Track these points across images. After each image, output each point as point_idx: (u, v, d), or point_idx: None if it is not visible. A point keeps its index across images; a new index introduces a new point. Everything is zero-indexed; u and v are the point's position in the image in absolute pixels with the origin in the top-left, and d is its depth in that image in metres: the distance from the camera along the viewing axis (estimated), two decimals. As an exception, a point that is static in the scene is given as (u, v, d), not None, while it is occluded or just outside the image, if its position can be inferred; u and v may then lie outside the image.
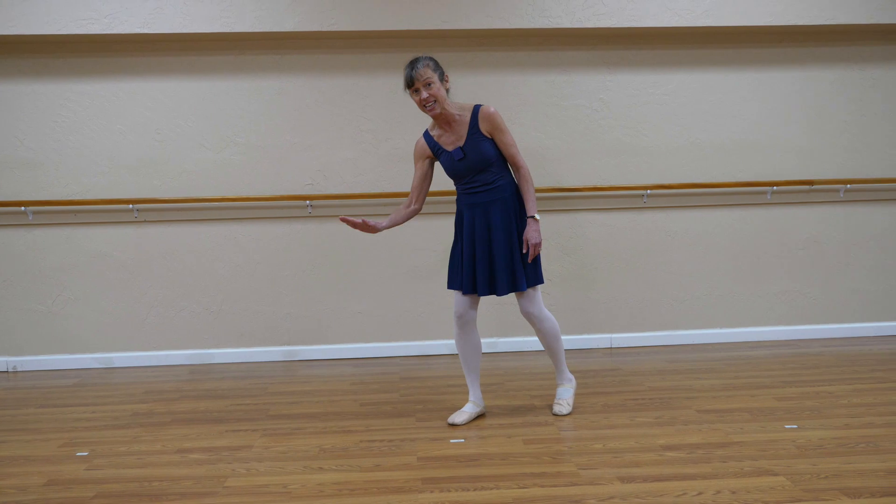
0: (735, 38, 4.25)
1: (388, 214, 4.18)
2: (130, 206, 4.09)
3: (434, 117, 2.88)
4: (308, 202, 4.16)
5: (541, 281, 2.98)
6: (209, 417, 3.22)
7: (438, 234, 4.23)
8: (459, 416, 3.04)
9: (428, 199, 4.15)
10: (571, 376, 3.23)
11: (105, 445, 2.88)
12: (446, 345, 4.28)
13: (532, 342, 4.29)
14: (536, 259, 2.96)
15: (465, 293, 2.98)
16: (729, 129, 4.31)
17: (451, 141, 2.92)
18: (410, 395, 3.49)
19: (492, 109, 2.88)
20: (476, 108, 2.90)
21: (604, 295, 4.33)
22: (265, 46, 4.10)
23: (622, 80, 4.24)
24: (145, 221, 4.15)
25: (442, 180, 4.18)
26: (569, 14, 4.01)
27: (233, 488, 2.43)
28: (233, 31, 3.91)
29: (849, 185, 4.33)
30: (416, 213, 3.07)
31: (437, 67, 2.85)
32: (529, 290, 2.96)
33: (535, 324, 3.01)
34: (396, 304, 4.28)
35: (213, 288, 4.20)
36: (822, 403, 3.15)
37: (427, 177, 3.05)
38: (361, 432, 2.96)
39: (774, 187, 4.29)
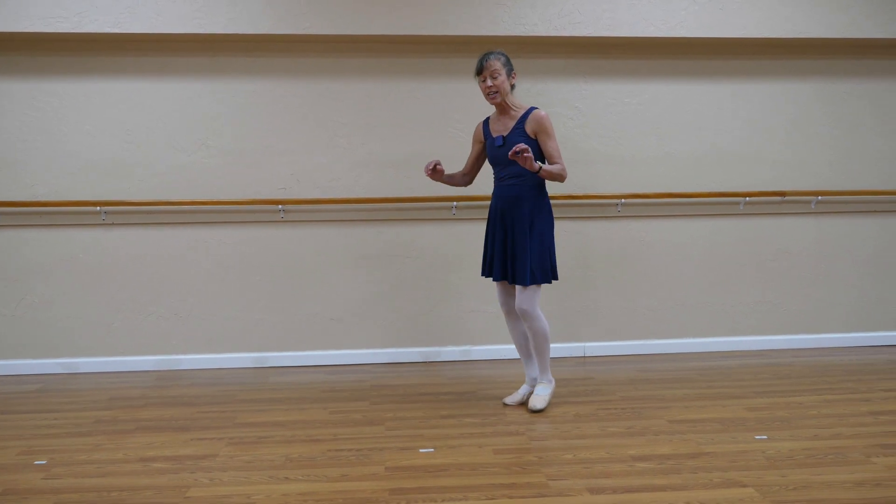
0: (710, 49, 4.28)
1: (357, 221, 4.15)
2: (98, 208, 4.01)
3: (495, 105, 3.16)
4: (280, 207, 4.11)
5: (543, 280, 3.12)
6: (174, 425, 3.14)
7: (413, 242, 4.20)
8: (512, 398, 3.36)
9: (401, 206, 4.14)
10: (552, 379, 3.36)
11: (65, 454, 2.80)
12: (419, 352, 4.24)
13: (505, 350, 4.26)
14: (545, 259, 3.12)
15: (494, 280, 3.23)
16: (703, 140, 4.33)
17: (499, 129, 3.19)
18: (381, 403, 3.44)
19: (542, 113, 3.11)
20: (530, 109, 3.14)
21: (577, 303, 4.33)
22: (239, 48, 4.04)
23: (598, 88, 4.25)
24: (113, 224, 4.07)
25: (417, 189, 4.15)
26: (545, 22, 4.01)
27: (194, 499, 2.37)
28: (206, 32, 3.85)
29: (820, 197, 4.38)
30: (467, 183, 3.40)
31: (507, 63, 3.12)
32: (529, 287, 3.11)
33: (526, 321, 3.17)
34: (369, 312, 4.23)
35: (183, 292, 4.13)
36: (792, 414, 3.16)
37: (479, 158, 3.36)
38: (329, 441, 2.91)
39: (747, 198, 4.32)
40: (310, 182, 4.13)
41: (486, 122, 3.28)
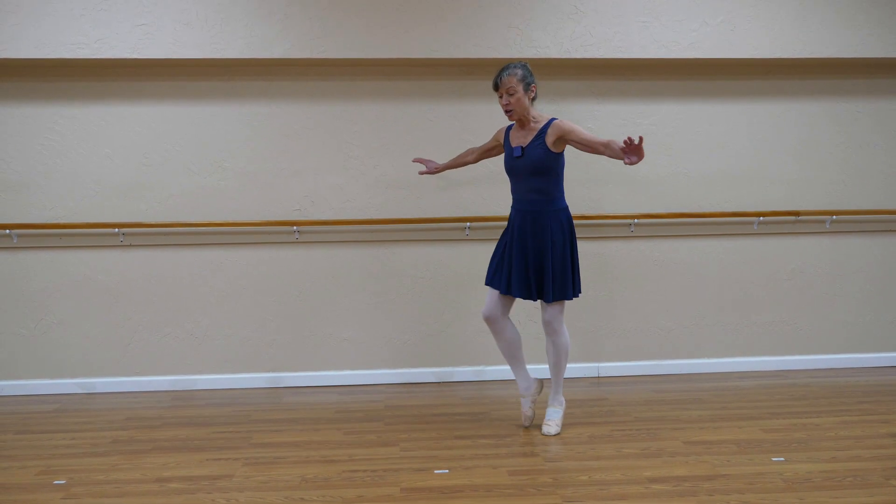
0: (721, 69, 4.31)
1: (371, 241, 4.18)
2: (116, 229, 4.07)
3: (513, 121, 3.19)
4: (295, 228, 4.15)
5: (569, 296, 3.15)
6: (190, 445, 3.16)
7: (427, 262, 4.22)
8: (526, 418, 3.34)
9: (414, 227, 4.16)
10: (563, 399, 3.37)
11: (83, 473, 2.82)
12: (432, 372, 4.25)
13: (519, 370, 4.26)
14: (569, 273, 3.14)
15: (502, 293, 3.20)
16: (716, 160, 4.34)
17: (518, 140, 3.19)
18: (395, 423, 3.45)
19: (562, 121, 3.09)
20: (550, 121, 3.13)
21: (591, 323, 4.32)
22: (254, 72, 4.11)
23: (610, 109, 4.28)
24: (131, 246, 4.12)
25: (430, 210, 4.19)
26: (557, 44, 4.05)
27: (211, 520, 2.38)
28: (222, 57, 3.92)
29: (835, 217, 4.36)
30: (470, 163, 3.58)
31: (526, 77, 3.10)
32: (556, 303, 3.14)
33: (551, 335, 3.21)
34: (382, 332, 4.25)
35: (198, 313, 4.16)
36: (809, 435, 3.14)
37: (492, 150, 3.45)
38: (345, 462, 2.92)
39: (761, 217, 4.32)
40: (324, 203, 4.17)
41: (509, 129, 3.29)
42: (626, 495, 2.52)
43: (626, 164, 2.91)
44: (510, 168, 3.21)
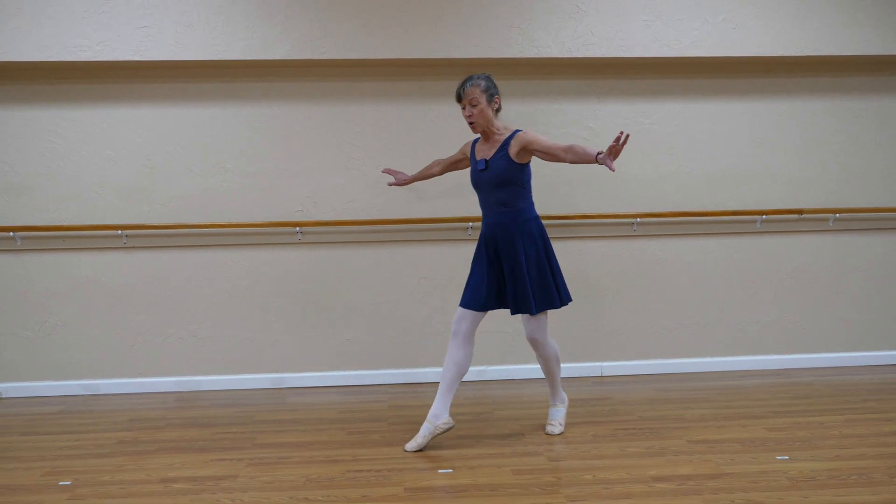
0: (723, 68, 4.30)
1: (374, 242, 4.18)
2: (119, 231, 4.07)
3: (477, 133, 3.11)
4: (298, 229, 4.15)
5: (552, 306, 3.06)
6: (194, 446, 3.17)
7: (429, 262, 4.22)
8: (412, 446, 3.06)
9: (416, 227, 4.16)
10: (565, 396, 3.36)
11: (88, 474, 2.83)
12: (435, 373, 4.25)
13: (522, 370, 4.26)
14: (548, 283, 3.03)
15: (471, 308, 3.05)
16: (718, 158, 4.34)
17: (483, 152, 3.12)
18: (398, 423, 3.45)
19: (525, 133, 3.02)
20: (514, 132, 3.05)
21: (594, 323, 4.32)
22: (255, 74, 4.12)
23: (611, 109, 4.28)
24: (134, 247, 4.13)
25: (433, 210, 4.19)
26: (558, 44, 4.05)
27: (215, 520, 2.39)
28: (223, 58, 3.93)
29: (838, 215, 4.36)
30: (436, 175, 3.54)
31: (489, 88, 3.03)
32: (537, 315, 3.07)
33: (537, 349, 3.14)
34: (385, 332, 4.25)
35: (201, 314, 4.17)
36: (813, 434, 3.14)
37: (459, 163, 3.40)
38: (348, 462, 2.92)
39: (764, 216, 4.32)
40: (326, 204, 4.18)
41: (475, 142, 3.22)
42: (631, 494, 2.52)
43: (600, 162, 2.78)
44: (475, 181, 3.13)
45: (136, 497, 2.59)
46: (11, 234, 4.03)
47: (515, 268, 3.03)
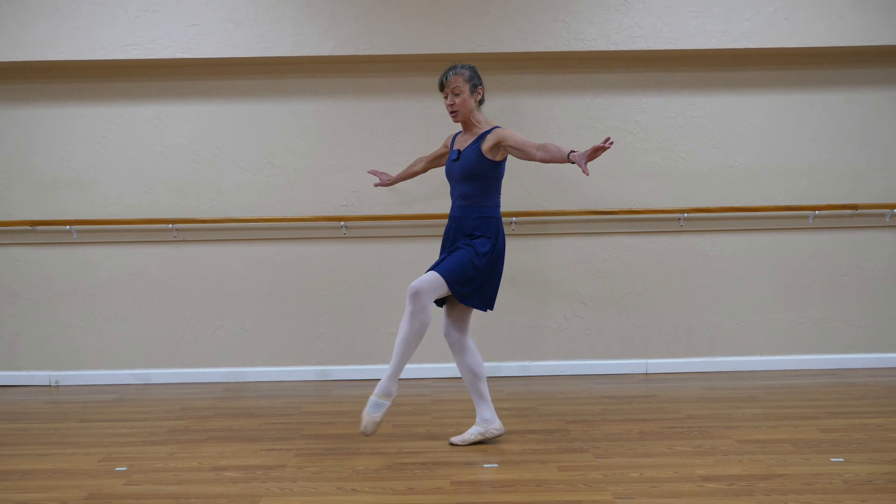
0: (774, 59, 4.19)
1: (418, 237, 4.20)
2: (170, 225, 4.17)
3: (457, 122, 3.06)
4: (343, 223, 4.19)
5: (450, 279, 2.85)
6: (244, 436, 3.23)
7: (472, 255, 4.22)
8: (461, 437, 3.07)
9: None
10: (393, 391, 2.96)
11: (143, 461, 2.91)
12: (479, 367, 4.24)
13: (565, 366, 4.24)
14: (468, 268, 2.88)
15: (438, 306, 3.04)
16: (768, 152, 4.23)
17: (459, 143, 3.10)
18: (443, 417, 3.46)
19: (501, 128, 2.97)
20: (493, 128, 2.99)
21: (639, 319, 4.27)
22: (302, 70, 4.17)
23: (658, 102, 4.21)
24: (184, 241, 4.22)
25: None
26: (604, 37, 4.00)
27: (266, 509, 2.43)
28: (272, 55, 3.98)
29: (895, 210, 4.22)
30: (419, 172, 3.54)
31: (472, 78, 3.00)
32: (437, 276, 2.87)
33: (410, 304, 2.90)
34: (430, 326, 4.25)
35: (249, 307, 4.25)
36: (870, 436, 3.04)
37: (442, 157, 3.35)
38: (394, 454, 2.95)
39: (817, 211, 4.20)
40: (371, 199, 4.21)
41: (456, 134, 3.19)
42: (679, 493, 2.48)
43: (571, 160, 2.71)
44: (447, 171, 3.11)
45: (189, 484, 2.66)
46: (68, 227, 4.16)
47: (456, 246, 2.95)
